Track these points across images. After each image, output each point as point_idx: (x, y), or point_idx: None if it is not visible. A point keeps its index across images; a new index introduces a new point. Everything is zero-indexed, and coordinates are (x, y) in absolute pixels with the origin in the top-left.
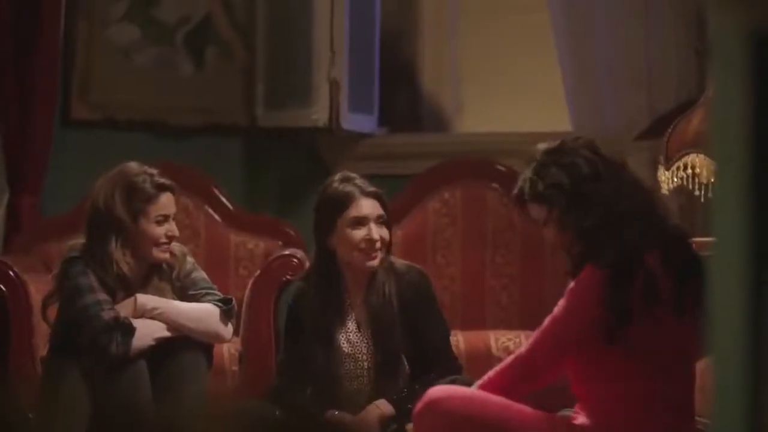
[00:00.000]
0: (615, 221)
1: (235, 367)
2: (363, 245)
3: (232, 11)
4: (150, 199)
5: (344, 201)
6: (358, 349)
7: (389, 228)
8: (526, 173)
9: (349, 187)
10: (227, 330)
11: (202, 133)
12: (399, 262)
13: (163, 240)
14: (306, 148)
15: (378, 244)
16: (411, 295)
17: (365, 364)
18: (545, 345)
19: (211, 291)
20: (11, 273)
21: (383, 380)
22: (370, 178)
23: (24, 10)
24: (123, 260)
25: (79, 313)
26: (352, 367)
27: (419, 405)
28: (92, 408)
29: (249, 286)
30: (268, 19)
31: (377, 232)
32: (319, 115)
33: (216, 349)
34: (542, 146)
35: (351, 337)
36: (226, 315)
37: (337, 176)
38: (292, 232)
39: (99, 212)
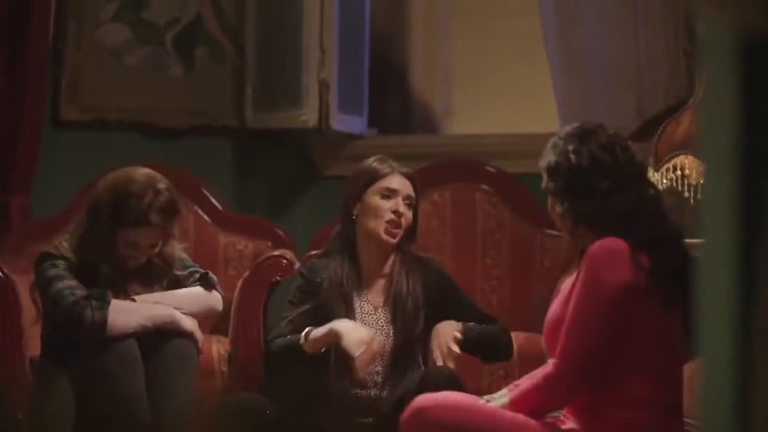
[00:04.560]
0: (606, 216)
1: (224, 368)
2: (389, 215)
3: (221, 12)
4: (137, 223)
5: (378, 173)
6: (373, 327)
7: (415, 214)
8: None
9: (384, 164)
10: (217, 298)
11: (191, 134)
12: (417, 253)
13: (144, 249)
14: (295, 149)
15: (402, 221)
16: (434, 283)
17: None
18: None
19: (193, 267)
20: (0, 274)
21: (399, 362)
22: None
23: (14, 10)
24: (106, 259)
25: (52, 298)
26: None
27: (406, 413)
28: (78, 407)
29: (238, 287)
30: (258, 20)
31: (403, 208)
32: (308, 116)
33: (205, 350)
34: (565, 128)
35: (365, 317)
36: (210, 285)
37: (373, 157)
38: (281, 233)
39: (89, 209)
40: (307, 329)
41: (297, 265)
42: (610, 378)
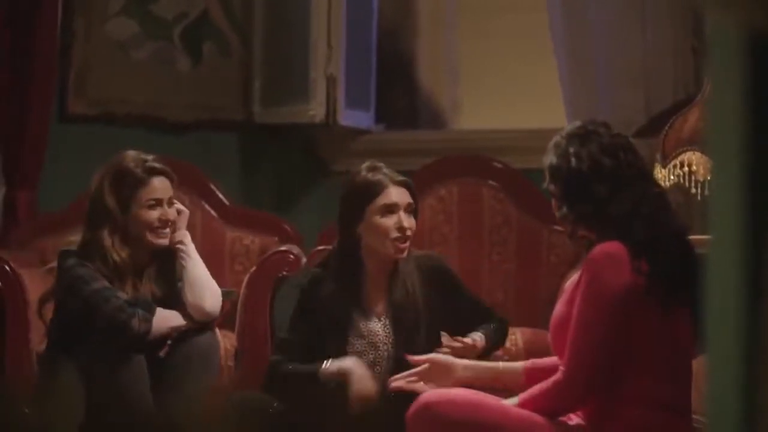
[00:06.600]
0: (605, 219)
1: (231, 363)
2: (394, 233)
3: (229, 7)
4: (140, 183)
5: (374, 189)
6: (378, 338)
7: (416, 218)
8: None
9: (378, 176)
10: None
11: (199, 128)
12: (415, 251)
13: (157, 224)
14: (303, 144)
15: (408, 233)
16: (434, 277)
17: (385, 353)
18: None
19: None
20: (7, 268)
21: (401, 371)
22: None
23: (21, 4)
24: (114, 249)
25: (90, 298)
26: (372, 356)
27: (412, 408)
28: (88, 402)
29: (245, 282)
30: (266, 15)
31: (407, 220)
32: (316, 111)
33: None
34: (567, 127)
35: (371, 326)
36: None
37: (365, 165)
38: (288, 228)
39: (92, 201)
40: (324, 362)
41: (304, 260)
42: (617, 378)
